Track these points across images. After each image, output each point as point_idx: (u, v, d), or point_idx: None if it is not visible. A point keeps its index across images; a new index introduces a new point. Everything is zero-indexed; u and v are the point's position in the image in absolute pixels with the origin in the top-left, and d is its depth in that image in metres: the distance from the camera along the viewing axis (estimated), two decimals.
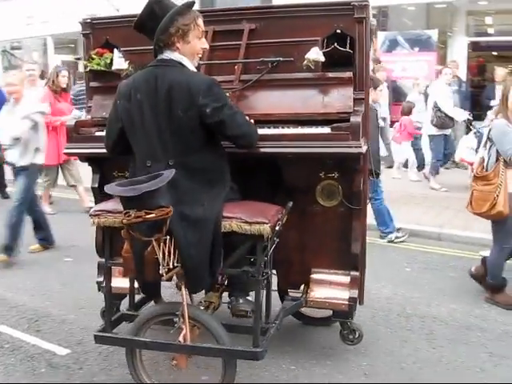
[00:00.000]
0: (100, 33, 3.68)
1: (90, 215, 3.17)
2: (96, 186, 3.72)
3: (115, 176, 3.70)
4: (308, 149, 3.17)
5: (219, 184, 3.02)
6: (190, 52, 3.04)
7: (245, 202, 3.13)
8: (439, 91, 8.81)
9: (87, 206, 7.72)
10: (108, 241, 3.21)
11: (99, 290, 3.81)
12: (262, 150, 3.17)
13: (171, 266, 2.82)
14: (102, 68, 3.60)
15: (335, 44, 3.28)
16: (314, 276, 3.50)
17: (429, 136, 9.20)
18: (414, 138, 9.64)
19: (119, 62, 3.52)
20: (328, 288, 3.45)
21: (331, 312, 3.59)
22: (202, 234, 2.86)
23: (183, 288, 2.98)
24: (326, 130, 3.20)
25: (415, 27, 12.29)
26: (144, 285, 3.19)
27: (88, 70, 3.65)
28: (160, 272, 2.84)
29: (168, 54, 2.99)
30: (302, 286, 3.60)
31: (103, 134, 3.50)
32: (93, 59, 3.60)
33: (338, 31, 3.31)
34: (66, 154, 3.87)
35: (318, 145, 3.16)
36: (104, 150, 3.43)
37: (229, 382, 3.01)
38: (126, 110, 2.99)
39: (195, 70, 3.08)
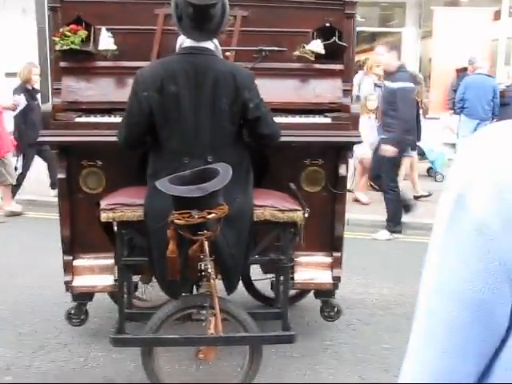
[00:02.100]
0: (70, 7, 3.32)
1: (102, 209, 2.93)
2: (64, 176, 3.36)
3: (84, 165, 3.40)
4: (311, 137, 3.31)
5: (249, 176, 3.01)
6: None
7: (262, 190, 3.16)
8: None
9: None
10: (121, 237, 3.00)
11: (67, 291, 3.49)
12: None
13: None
14: (77, 47, 3.26)
15: (321, 37, 3.45)
16: (298, 259, 3.64)
17: None
18: None
19: (108, 43, 3.22)
20: (313, 269, 3.63)
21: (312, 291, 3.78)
22: (240, 230, 2.84)
23: (212, 280, 2.93)
24: (327, 119, 3.36)
25: None
26: (177, 285, 3.01)
27: (59, 48, 3.26)
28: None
29: (212, 43, 2.88)
30: None
31: (83, 120, 3.25)
32: (67, 37, 3.24)
33: (327, 25, 3.47)
34: (42, 142, 3.42)
35: (321, 134, 3.32)
36: (86, 138, 3.20)
37: (256, 367, 3.05)
38: (158, 104, 2.79)
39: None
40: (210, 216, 2.57)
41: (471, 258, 0.70)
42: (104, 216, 2.94)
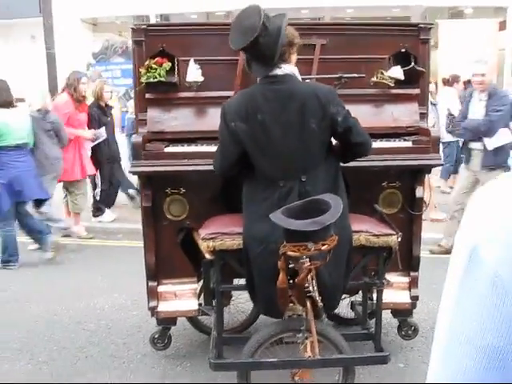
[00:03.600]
0: (154, 40, 3.39)
1: (203, 239, 3.00)
2: (149, 204, 3.42)
3: (168, 193, 3.46)
4: (393, 161, 3.39)
5: (344, 194, 3.06)
6: (294, 62, 3.04)
7: (353, 215, 3.22)
8: None
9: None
10: (219, 265, 3.06)
11: (152, 316, 3.56)
12: (351, 164, 3.28)
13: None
14: (163, 79, 3.32)
15: (398, 62, 3.54)
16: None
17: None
18: None
19: (196, 74, 3.30)
20: (392, 290, 3.69)
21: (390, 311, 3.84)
22: (339, 254, 2.88)
23: (308, 303, 2.99)
24: (408, 143, 3.44)
25: None
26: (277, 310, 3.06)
27: (145, 80, 3.32)
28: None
29: (284, 67, 2.93)
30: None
31: (173, 150, 3.32)
32: (153, 69, 3.31)
33: (403, 50, 3.55)
34: (133, 172, 3.47)
35: (402, 158, 3.40)
36: (176, 168, 3.27)
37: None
38: (246, 133, 2.88)
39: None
40: (323, 247, 2.64)
41: (486, 309, 0.74)
42: (205, 245, 3.00)
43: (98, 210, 7.53)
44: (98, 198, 7.57)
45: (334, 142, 3.07)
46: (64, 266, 6.06)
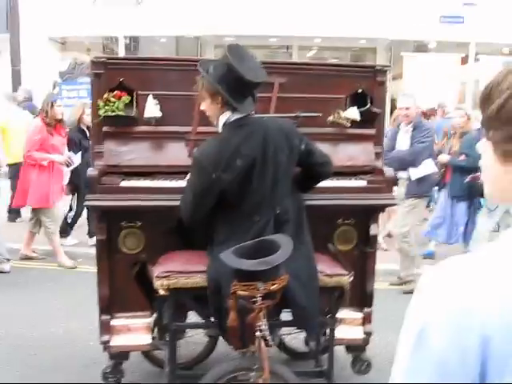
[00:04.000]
0: (113, 73, 3.40)
1: (157, 277, 2.99)
2: (104, 237, 3.40)
3: (124, 226, 3.45)
4: (347, 200, 3.45)
5: (307, 225, 3.13)
6: None
7: None
8: None
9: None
10: (172, 303, 3.05)
11: (104, 350, 3.51)
12: (307, 202, 3.32)
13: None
14: (121, 113, 3.33)
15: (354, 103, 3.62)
16: None
17: None
18: None
19: (154, 110, 3.31)
20: (345, 326, 3.72)
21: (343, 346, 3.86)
22: (312, 287, 2.94)
23: (262, 342, 3.00)
24: (363, 182, 3.50)
25: None
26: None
27: (103, 113, 3.32)
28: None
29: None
30: None
31: (129, 184, 3.31)
32: (111, 102, 3.31)
33: (360, 91, 3.63)
34: (89, 207, 3.45)
35: (357, 197, 3.46)
36: (131, 203, 3.26)
37: None
38: (229, 182, 2.87)
39: None
40: (273, 287, 2.66)
41: None
42: (159, 283, 2.99)
43: (63, 232, 7.41)
44: (69, 220, 7.48)
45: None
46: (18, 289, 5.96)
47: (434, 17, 12.90)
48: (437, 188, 7.62)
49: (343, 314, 3.68)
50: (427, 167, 5.85)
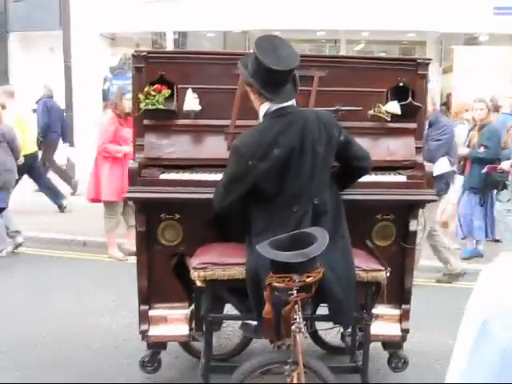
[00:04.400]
0: (154, 67, 3.44)
1: (194, 268, 3.03)
2: (144, 229, 3.46)
3: (163, 219, 3.49)
4: (386, 196, 3.41)
5: (345, 222, 3.12)
6: None
7: None
8: None
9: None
10: (209, 295, 3.08)
11: (143, 339, 3.57)
12: (345, 197, 3.30)
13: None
14: (161, 106, 3.38)
15: (394, 96, 3.57)
16: None
17: None
18: None
19: (193, 103, 3.34)
20: (382, 322, 3.69)
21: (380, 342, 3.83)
22: (348, 281, 2.94)
23: (297, 336, 3.00)
24: (402, 177, 3.45)
25: None
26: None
27: (144, 107, 3.37)
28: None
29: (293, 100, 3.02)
30: None
31: (168, 177, 3.35)
32: (152, 96, 3.36)
33: (401, 84, 3.58)
34: (129, 198, 3.52)
35: (396, 192, 3.42)
36: (170, 195, 3.30)
37: None
38: (264, 171, 2.90)
39: None
40: (308, 280, 2.66)
41: (494, 382, 0.79)
42: (195, 275, 3.02)
43: None
44: None
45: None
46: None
47: (488, 8, 12.53)
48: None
49: (380, 310, 3.66)
50: (442, 165, 5.63)
